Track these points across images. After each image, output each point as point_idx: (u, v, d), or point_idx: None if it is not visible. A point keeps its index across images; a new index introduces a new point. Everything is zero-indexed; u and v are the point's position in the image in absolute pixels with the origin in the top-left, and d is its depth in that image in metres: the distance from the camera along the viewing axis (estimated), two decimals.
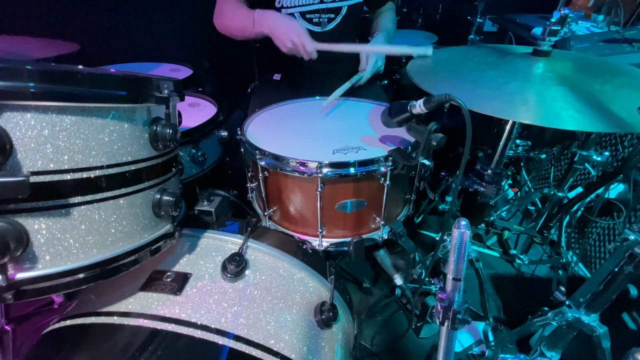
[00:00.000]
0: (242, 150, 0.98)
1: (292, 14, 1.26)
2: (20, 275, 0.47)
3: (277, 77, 1.50)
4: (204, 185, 1.21)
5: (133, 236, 0.59)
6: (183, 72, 1.65)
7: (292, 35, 1.08)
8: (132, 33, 1.85)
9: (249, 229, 0.80)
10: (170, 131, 0.60)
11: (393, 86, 2.04)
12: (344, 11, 1.31)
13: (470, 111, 0.69)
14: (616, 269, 0.76)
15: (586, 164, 1.27)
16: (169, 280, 0.68)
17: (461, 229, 0.51)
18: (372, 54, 1.20)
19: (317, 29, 1.30)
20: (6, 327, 1.06)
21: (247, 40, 1.26)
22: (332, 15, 1.31)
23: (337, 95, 1.15)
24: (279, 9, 1.24)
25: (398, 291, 1.20)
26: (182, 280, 0.68)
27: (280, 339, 0.66)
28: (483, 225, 1.35)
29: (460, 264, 0.53)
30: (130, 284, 0.68)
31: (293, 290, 0.76)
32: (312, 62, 1.14)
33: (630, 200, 1.27)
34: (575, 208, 1.43)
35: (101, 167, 0.51)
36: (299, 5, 1.24)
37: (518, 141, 1.19)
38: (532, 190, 1.83)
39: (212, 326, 0.62)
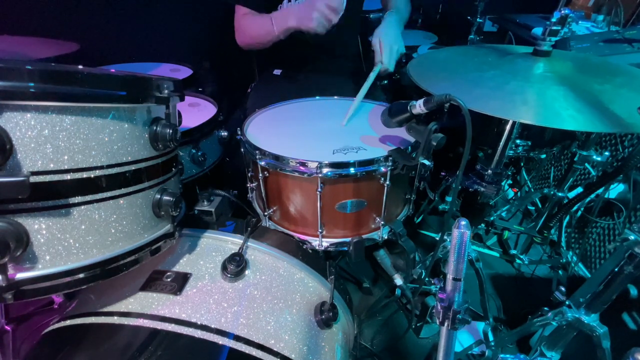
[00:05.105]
0: (242, 150, 0.98)
1: None
2: (20, 275, 0.47)
3: (277, 72, 1.49)
4: (204, 185, 1.21)
5: (133, 236, 0.59)
6: (183, 72, 1.65)
7: (315, 3, 1.03)
8: (132, 33, 1.85)
9: (249, 229, 0.80)
10: (170, 131, 0.60)
11: (393, 86, 2.04)
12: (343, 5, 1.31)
13: (470, 111, 0.69)
14: (616, 269, 0.76)
15: (586, 164, 1.26)
16: (169, 280, 0.68)
17: (461, 229, 0.51)
18: (385, 42, 1.15)
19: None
20: (6, 327, 1.06)
21: (271, 44, 1.23)
22: None
23: (362, 95, 1.12)
24: None
25: (398, 291, 1.20)
26: (182, 280, 0.68)
27: (280, 339, 0.66)
28: (483, 225, 1.35)
29: (460, 264, 0.53)
30: (130, 284, 0.68)
31: (293, 290, 0.76)
32: (313, 58, 1.09)
33: (630, 200, 1.27)
34: (575, 208, 1.43)
35: (101, 167, 0.51)
36: None
37: (518, 141, 1.19)
38: (532, 190, 1.83)
39: (212, 326, 0.62)
